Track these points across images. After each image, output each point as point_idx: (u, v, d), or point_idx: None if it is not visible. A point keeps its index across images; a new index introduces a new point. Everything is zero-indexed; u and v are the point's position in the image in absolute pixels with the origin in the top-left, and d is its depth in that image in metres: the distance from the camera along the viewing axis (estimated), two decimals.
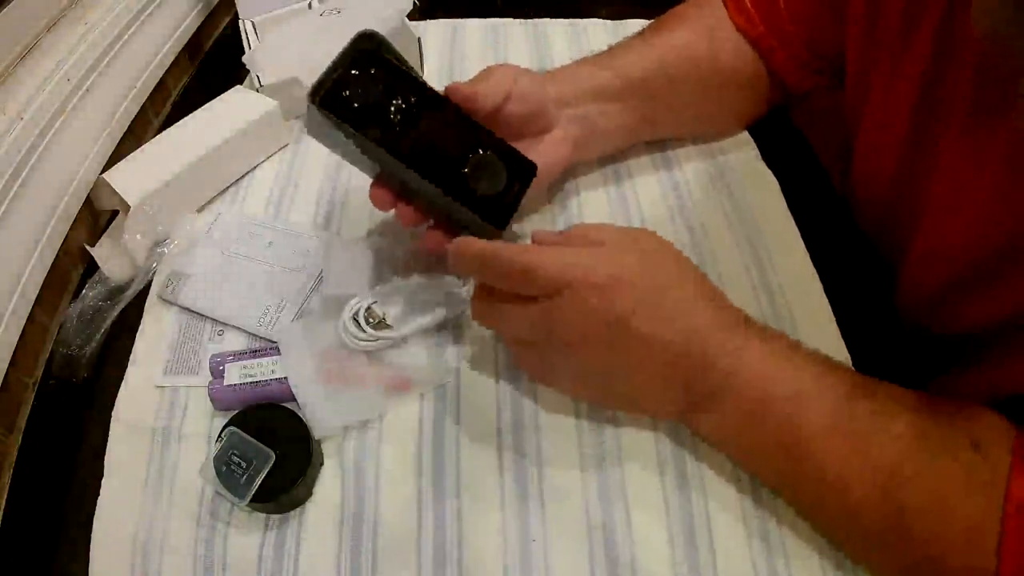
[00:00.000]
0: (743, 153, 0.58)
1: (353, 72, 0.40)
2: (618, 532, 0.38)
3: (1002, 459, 0.32)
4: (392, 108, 0.40)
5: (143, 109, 0.61)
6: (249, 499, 0.37)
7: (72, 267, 0.53)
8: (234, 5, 0.66)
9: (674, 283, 0.37)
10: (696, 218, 0.53)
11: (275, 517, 0.39)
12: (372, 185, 0.43)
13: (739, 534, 0.38)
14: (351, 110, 0.39)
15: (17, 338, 0.45)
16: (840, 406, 0.34)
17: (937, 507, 0.32)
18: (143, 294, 0.49)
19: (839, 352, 0.44)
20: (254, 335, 0.47)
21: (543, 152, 0.46)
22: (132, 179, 0.51)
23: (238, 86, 0.60)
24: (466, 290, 0.44)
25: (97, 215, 0.56)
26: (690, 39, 0.53)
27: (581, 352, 0.37)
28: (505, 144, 0.43)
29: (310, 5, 0.67)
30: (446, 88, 0.42)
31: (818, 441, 0.34)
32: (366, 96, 0.40)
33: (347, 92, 0.39)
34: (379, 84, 0.40)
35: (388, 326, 0.43)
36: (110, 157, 0.56)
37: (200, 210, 0.55)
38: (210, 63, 0.73)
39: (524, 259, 0.36)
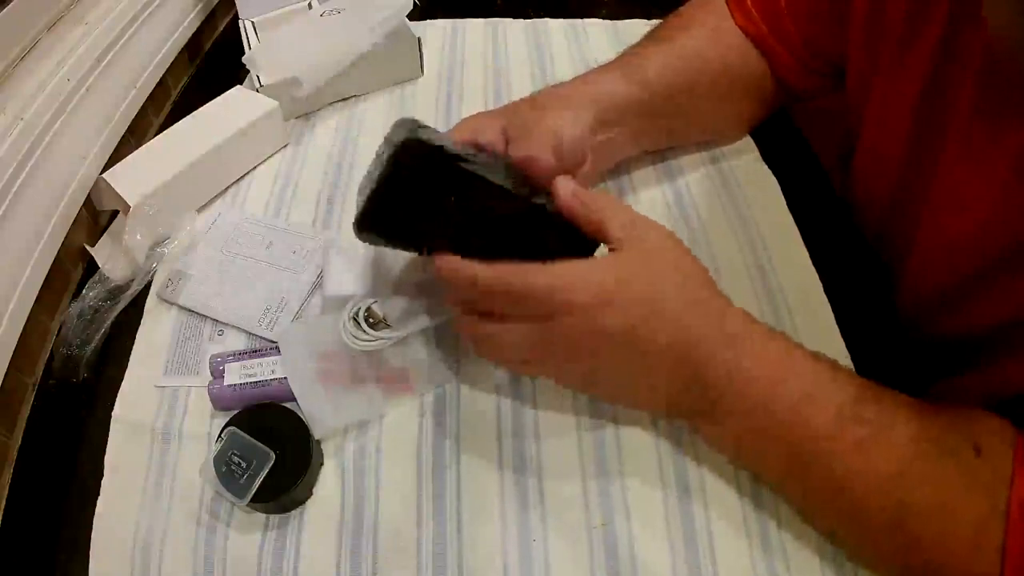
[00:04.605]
0: (743, 154, 0.58)
1: (390, 186, 0.35)
2: (618, 532, 0.38)
3: (1004, 461, 0.32)
4: (448, 206, 0.37)
5: (143, 109, 0.61)
6: (249, 499, 0.37)
7: (72, 267, 0.53)
8: (234, 5, 0.66)
9: (677, 285, 0.36)
10: (696, 219, 0.53)
11: (275, 517, 0.39)
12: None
13: (739, 535, 0.38)
14: (406, 226, 0.37)
15: (17, 338, 0.44)
16: (844, 410, 0.34)
17: (940, 510, 0.32)
18: (143, 294, 0.49)
19: (840, 353, 0.44)
20: (254, 335, 0.47)
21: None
22: (132, 179, 0.51)
23: (238, 86, 0.60)
24: None
25: (97, 215, 0.56)
26: (700, 43, 0.52)
27: (585, 361, 0.36)
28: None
29: (310, 5, 0.67)
30: (508, 153, 0.40)
31: (822, 445, 0.34)
32: (416, 203, 0.36)
33: (394, 207, 0.36)
34: (427, 186, 0.36)
35: (388, 326, 0.43)
36: (110, 157, 0.55)
37: (200, 210, 0.55)
38: (210, 63, 0.73)
39: (519, 282, 0.34)
